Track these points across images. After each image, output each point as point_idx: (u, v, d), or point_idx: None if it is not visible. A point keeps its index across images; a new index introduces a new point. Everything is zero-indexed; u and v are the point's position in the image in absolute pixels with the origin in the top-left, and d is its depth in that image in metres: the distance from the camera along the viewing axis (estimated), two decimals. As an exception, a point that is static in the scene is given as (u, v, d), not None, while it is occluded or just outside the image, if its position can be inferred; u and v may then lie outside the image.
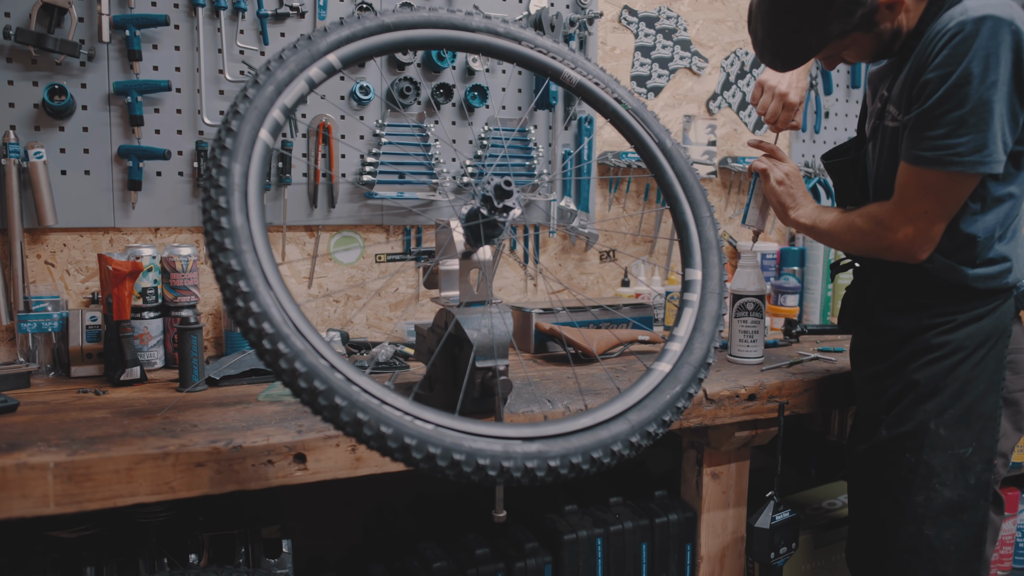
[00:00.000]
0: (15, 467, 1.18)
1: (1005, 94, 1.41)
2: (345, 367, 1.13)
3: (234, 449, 1.30)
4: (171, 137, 2.04)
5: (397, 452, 1.12)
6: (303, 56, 1.34)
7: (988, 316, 1.58)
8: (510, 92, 2.42)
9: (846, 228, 1.65)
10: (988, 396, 1.59)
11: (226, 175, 1.19)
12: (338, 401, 1.10)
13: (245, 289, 1.12)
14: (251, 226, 1.18)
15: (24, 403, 1.57)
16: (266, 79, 1.29)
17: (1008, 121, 1.43)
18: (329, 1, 2.16)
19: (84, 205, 1.98)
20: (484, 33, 1.52)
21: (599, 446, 1.22)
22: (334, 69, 1.37)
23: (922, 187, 1.50)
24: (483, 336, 1.42)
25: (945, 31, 1.42)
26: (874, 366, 1.71)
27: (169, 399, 1.61)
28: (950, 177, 1.46)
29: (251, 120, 1.25)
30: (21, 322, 1.85)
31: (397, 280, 2.34)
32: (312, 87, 1.35)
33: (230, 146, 1.21)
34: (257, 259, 1.16)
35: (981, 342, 1.58)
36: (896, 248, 1.56)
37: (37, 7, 1.87)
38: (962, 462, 1.59)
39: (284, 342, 1.10)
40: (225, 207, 1.17)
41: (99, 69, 1.96)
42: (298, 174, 2.18)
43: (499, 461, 1.15)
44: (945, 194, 1.49)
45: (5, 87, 1.89)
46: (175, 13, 2.02)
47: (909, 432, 1.61)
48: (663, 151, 1.59)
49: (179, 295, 1.94)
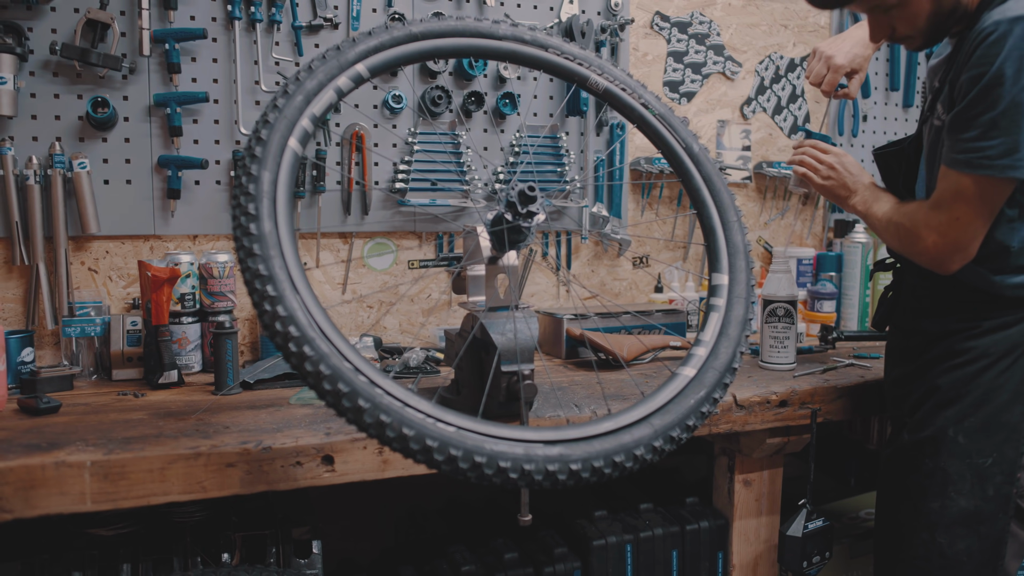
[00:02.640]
0: (54, 465, 1.23)
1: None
2: (369, 370, 1.15)
3: (264, 450, 1.33)
4: (209, 147, 2.09)
5: (419, 454, 1.13)
6: (331, 67, 1.37)
7: (1018, 325, 1.52)
8: (541, 99, 2.43)
9: (887, 224, 1.61)
10: (1013, 406, 1.53)
11: (255, 183, 1.22)
12: (361, 403, 1.12)
13: (272, 293, 1.15)
14: (279, 232, 1.21)
15: (66, 404, 1.62)
16: (295, 89, 1.32)
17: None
18: (362, 12, 2.20)
19: (126, 213, 2.04)
20: (511, 41, 1.54)
21: (621, 450, 1.22)
22: (362, 79, 1.40)
23: (955, 191, 1.46)
24: (508, 340, 1.44)
25: (982, 30, 1.39)
26: (901, 368, 1.68)
27: (204, 401, 1.65)
28: (980, 181, 1.43)
29: (280, 129, 1.28)
30: (65, 327, 1.91)
31: (430, 286, 2.37)
32: (341, 96, 1.38)
33: (260, 154, 1.25)
34: (284, 264, 1.19)
35: (1008, 350, 1.52)
36: (925, 255, 1.53)
37: (82, 23, 1.93)
38: (981, 472, 1.54)
39: (309, 345, 1.13)
40: (254, 213, 1.20)
41: (140, 82, 2.02)
42: (332, 182, 2.22)
43: (520, 464, 1.16)
44: (976, 200, 1.45)
45: (51, 100, 1.96)
46: (213, 27, 2.07)
47: (928, 437, 1.58)
48: (690, 155, 1.59)
49: (216, 300, 1.98)
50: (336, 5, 2.18)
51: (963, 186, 1.45)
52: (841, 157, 1.76)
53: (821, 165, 1.78)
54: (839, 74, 1.89)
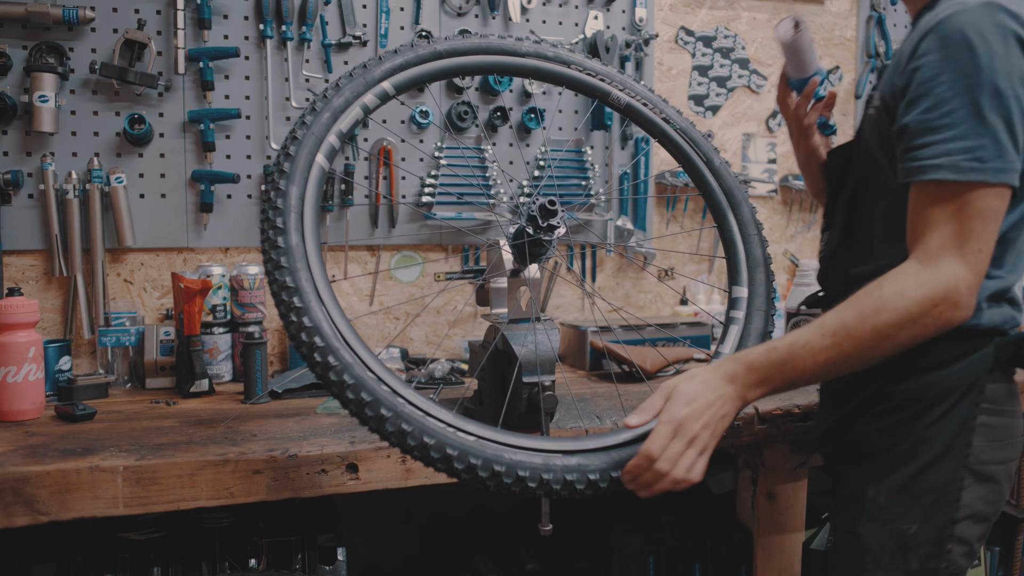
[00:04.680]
0: (88, 470, 1.27)
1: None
2: (392, 380, 1.18)
3: (290, 458, 1.36)
4: (241, 162, 2.15)
5: (440, 462, 1.16)
6: (358, 84, 1.41)
7: (953, 364, 1.23)
8: (566, 113, 2.46)
9: (856, 327, 1.15)
10: (944, 464, 1.22)
11: (283, 197, 1.26)
12: (384, 412, 1.15)
13: (298, 304, 1.18)
14: (306, 245, 1.24)
15: (101, 412, 1.67)
16: (323, 106, 1.36)
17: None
18: (391, 30, 2.25)
19: (160, 226, 2.10)
20: (534, 58, 1.57)
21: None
22: (388, 95, 1.44)
23: (956, 207, 1.18)
24: (529, 352, 1.46)
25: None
26: (832, 416, 1.41)
27: (233, 410, 1.69)
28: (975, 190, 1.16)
29: (308, 145, 1.32)
30: (101, 336, 1.97)
31: (455, 298, 2.40)
32: (367, 113, 1.41)
33: (288, 169, 1.29)
34: (311, 276, 1.22)
35: (942, 395, 1.23)
36: (958, 309, 1.13)
37: (120, 43, 2.00)
38: (903, 541, 1.25)
39: (333, 355, 1.16)
40: (282, 227, 1.24)
41: (175, 99, 2.09)
42: (360, 196, 2.26)
43: (539, 473, 1.18)
44: (980, 212, 1.17)
45: (90, 117, 2.03)
46: (245, 45, 2.13)
47: (845, 497, 1.34)
48: (711, 169, 1.61)
49: (246, 311, 2.03)
50: (365, 23, 2.23)
51: (961, 197, 1.13)
52: (677, 409, 1.17)
53: (671, 453, 1.16)
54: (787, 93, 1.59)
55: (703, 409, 1.17)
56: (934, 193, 1.14)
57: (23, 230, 2.00)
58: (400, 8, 2.27)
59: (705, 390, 1.18)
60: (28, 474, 1.25)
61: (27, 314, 1.63)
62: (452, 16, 2.31)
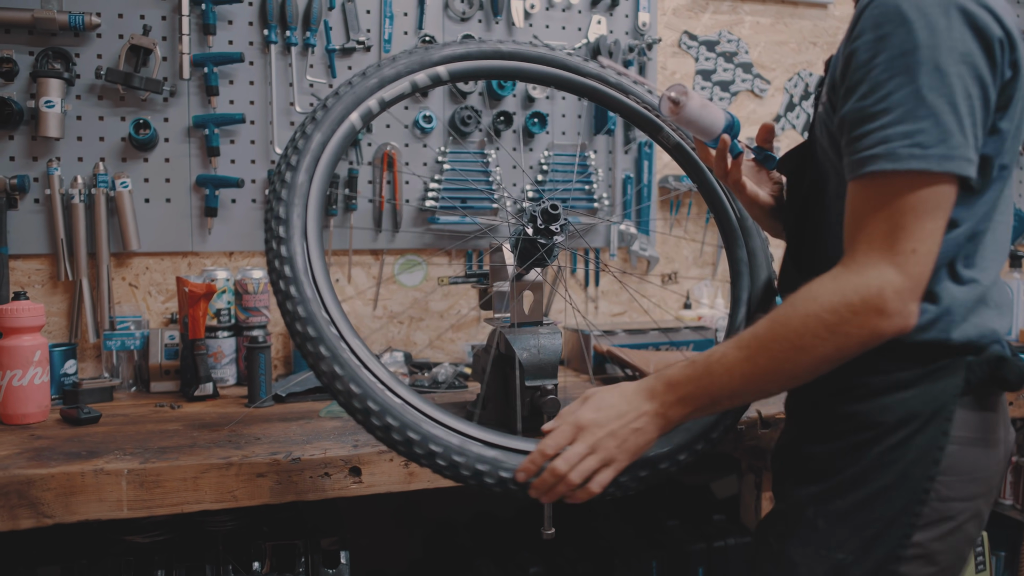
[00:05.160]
0: (93, 472, 1.28)
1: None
2: (398, 386, 1.19)
3: (293, 461, 1.37)
4: (245, 166, 2.16)
5: (424, 458, 1.16)
6: (415, 60, 1.43)
7: (915, 386, 1.08)
8: (570, 118, 2.46)
9: (778, 336, 1.03)
10: (896, 497, 1.07)
11: (286, 206, 1.27)
12: (390, 421, 1.15)
13: (302, 315, 1.20)
14: (310, 253, 1.26)
15: (106, 415, 1.68)
16: (323, 115, 1.37)
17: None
18: (394, 35, 2.26)
19: (165, 231, 2.11)
20: (594, 79, 1.57)
21: (644, 464, 1.24)
22: (441, 80, 1.46)
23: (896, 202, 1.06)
24: (532, 356, 1.46)
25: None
26: (785, 436, 1.31)
27: (237, 414, 1.70)
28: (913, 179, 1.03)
29: (347, 102, 1.34)
30: (106, 340, 1.98)
31: (459, 302, 2.40)
32: (415, 90, 1.44)
33: (289, 180, 1.30)
34: (314, 283, 1.23)
35: (902, 420, 1.08)
36: (888, 318, 0.98)
37: (125, 48, 2.01)
38: (837, 570, 1.11)
39: (339, 364, 1.17)
40: (284, 237, 1.25)
41: (180, 104, 2.10)
42: (364, 200, 2.27)
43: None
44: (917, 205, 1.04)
45: (96, 122, 2.04)
46: (250, 50, 2.14)
47: (780, 512, 1.22)
48: (742, 227, 1.56)
49: (251, 315, 2.04)
50: (368, 29, 2.24)
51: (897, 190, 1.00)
52: (586, 419, 1.12)
53: (570, 454, 1.11)
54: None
55: (612, 418, 1.10)
56: (869, 187, 1.00)
57: (29, 234, 2.01)
58: (404, 13, 2.28)
59: (620, 401, 1.11)
60: (33, 477, 1.26)
61: (33, 318, 1.64)
62: (455, 21, 2.32)
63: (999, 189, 1.08)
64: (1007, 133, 1.04)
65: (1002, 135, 1.03)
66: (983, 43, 0.98)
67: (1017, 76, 1.02)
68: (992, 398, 1.11)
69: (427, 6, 2.28)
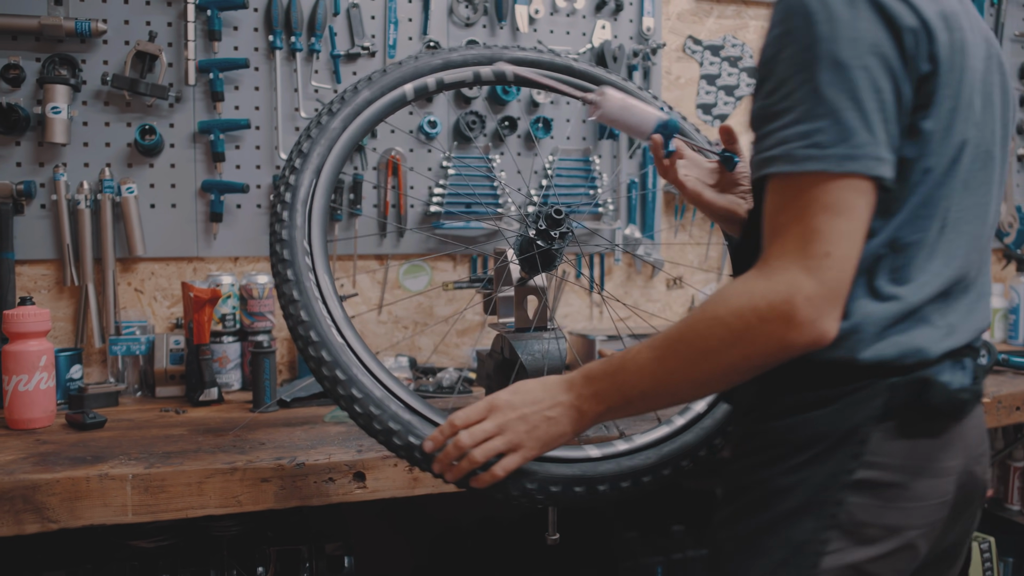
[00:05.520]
0: (98, 477, 1.28)
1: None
2: (402, 392, 1.19)
3: (297, 466, 1.37)
4: (250, 172, 2.16)
5: (401, 450, 1.16)
6: (482, 54, 1.54)
7: (827, 406, 0.99)
8: (574, 123, 2.46)
9: (685, 333, 0.98)
10: (802, 521, 0.99)
11: (290, 212, 1.28)
12: (392, 426, 1.16)
13: (306, 318, 1.20)
14: (314, 257, 1.26)
15: (111, 420, 1.68)
16: (326, 124, 1.37)
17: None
18: (399, 40, 2.27)
19: (170, 236, 2.11)
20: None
21: (647, 471, 1.24)
22: (505, 78, 1.56)
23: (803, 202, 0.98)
24: (536, 361, 1.46)
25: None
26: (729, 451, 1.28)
27: (242, 419, 1.70)
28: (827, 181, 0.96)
29: (317, 154, 1.34)
30: (112, 345, 1.98)
31: (464, 307, 2.40)
32: (477, 81, 1.55)
33: (294, 182, 1.30)
34: (318, 287, 1.24)
35: (806, 442, 1.00)
36: (798, 328, 0.91)
37: (131, 55, 2.02)
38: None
39: (343, 371, 1.17)
40: (287, 256, 1.26)
41: (185, 110, 2.10)
42: (369, 205, 2.27)
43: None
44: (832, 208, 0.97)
45: (102, 128, 2.05)
46: (255, 56, 2.15)
47: (707, 541, 1.15)
48: None
49: (256, 320, 2.04)
50: (373, 34, 2.25)
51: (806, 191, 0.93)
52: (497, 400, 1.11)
53: (477, 430, 1.09)
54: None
55: (526, 403, 1.08)
56: (777, 191, 0.94)
57: (35, 240, 2.02)
58: (408, 19, 2.28)
59: (539, 388, 1.09)
60: (38, 482, 1.26)
61: (38, 323, 1.65)
62: (460, 27, 2.32)
63: (924, 195, 0.97)
64: (931, 134, 0.95)
65: (924, 136, 0.94)
66: (892, 33, 0.91)
67: (937, 71, 0.93)
68: (930, 424, 0.99)
69: (432, 11, 2.28)
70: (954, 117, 0.96)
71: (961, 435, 1.03)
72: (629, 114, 1.29)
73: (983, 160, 1.03)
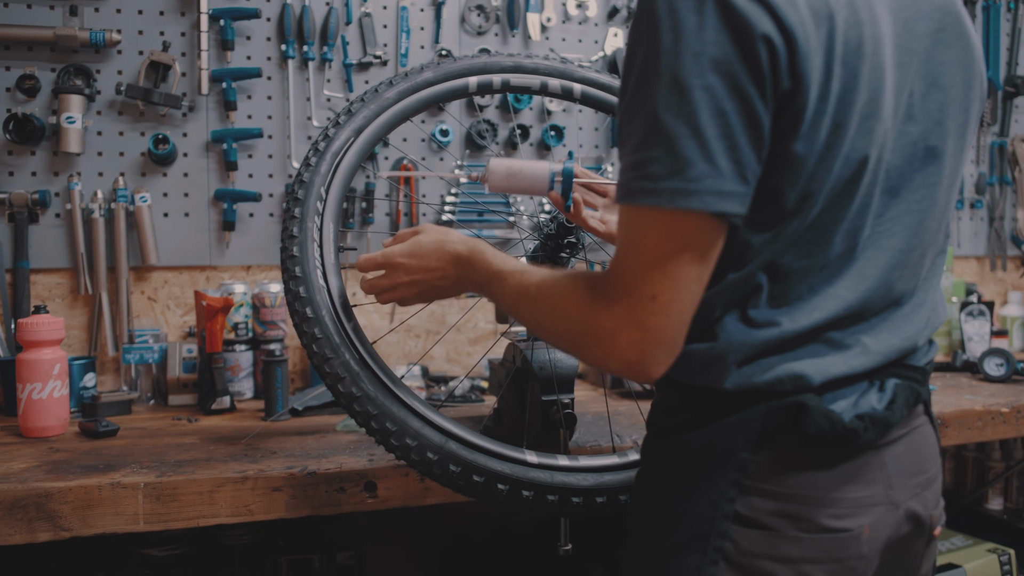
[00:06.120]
0: (110, 486, 1.28)
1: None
2: (414, 401, 1.19)
3: (308, 475, 1.36)
4: (263, 181, 2.17)
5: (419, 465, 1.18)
6: (555, 68, 1.57)
7: (698, 430, 0.93)
8: (587, 130, 2.46)
9: (550, 308, 0.95)
10: (687, 554, 0.91)
11: (299, 243, 1.29)
12: (408, 441, 1.16)
13: (320, 336, 1.20)
14: (328, 278, 1.27)
15: (124, 428, 1.68)
16: (335, 133, 1.38)
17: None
18: (411, 49, 2.27)
19: (183, 245, 2.12)
20: None
21: (580, 492, 1.24)
22: (572, 95, 1.60)
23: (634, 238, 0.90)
24: (548, 370, 1.45)
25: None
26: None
27: (254, 427, 1.70)
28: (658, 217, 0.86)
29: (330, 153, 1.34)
30: (125, 354, 1.99)
31: (476, 315, 2.40)
32: (544, 91, 1.59)
33: (299, 214, 1.31)
34: (329, 295, 1.24)
35: (684, 467, 0.94)
36: (612, 356, 0.86)
37: (145, 64, 2.04)
38: None
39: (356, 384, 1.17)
40: (299, 263, 1.26)
41: (198, 119, 2.12)
42: (381, 214, 2.27)
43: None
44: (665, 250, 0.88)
45: (116, 138, 2.06)
46: (267, 65, 2.16)
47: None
48: None
49: (268, 329, 2.04)
50: (385, 43, 2.25)
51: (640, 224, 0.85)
52: (418, 237, 1.21)
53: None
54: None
55: (420, 270, 1.18)
56: (621, 219, 0.86)
57: (50, 249, 2.03)
58: (420, 28, 2.29)
59: (432, 256, 1.18)
60: (51, 490, 1.26)
61: (52, 331, 1.66)
62: (472, 35, 2.33)
63: (810, 220, 0.86)
64: (804, 158, 0.82)
65: (795, 161, 0.82)
66: (743, 45, 0.77)
67: (801, 88, 0.79)
68: (817, 451, 0.89)
69: (444, 20, 2.29)
70: (840, 134, 0.83)
71: (880, 465, 0.91)
72: (518, 180, 1.28)
73: (921, 160, 0.92)
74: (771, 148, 0.81)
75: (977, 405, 1.81)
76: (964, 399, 1.88)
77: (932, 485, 0.99)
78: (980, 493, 2.47)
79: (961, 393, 1.96)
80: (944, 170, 0.94)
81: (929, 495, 0.98)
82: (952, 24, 0.94)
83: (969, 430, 1.79)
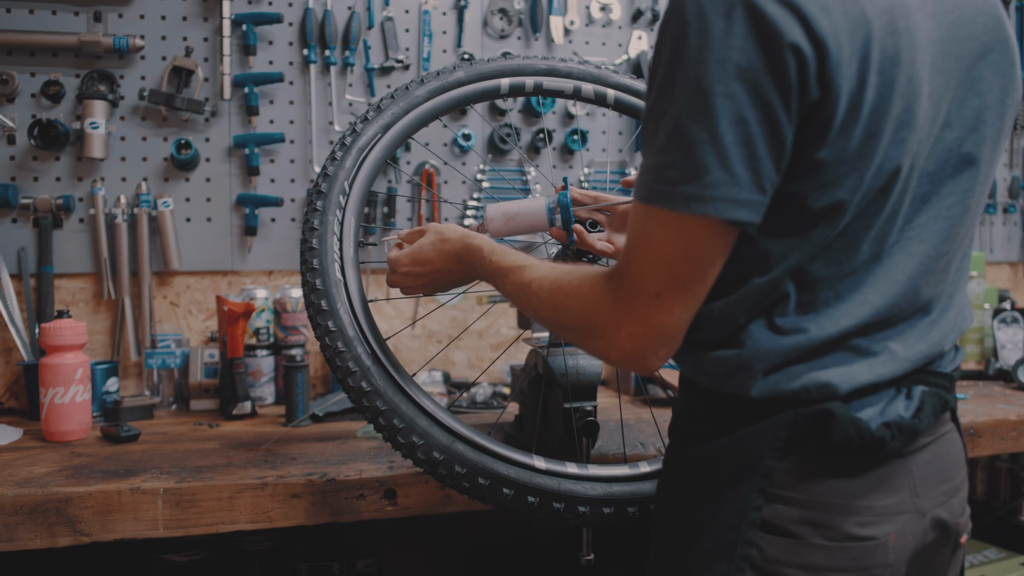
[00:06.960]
0: (130, 491, 1.27)
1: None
2: (429, 404, 1.17)
3: (328, 482, 1.35)
4: (284, 185, 2.17)
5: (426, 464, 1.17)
6: (588, 71, 1.54)
7: (723, 437, 0.93)
8: (610, 134, 2.44)
9: (550, 302, 0.98)
10: (715, 562, 0.91)
11: (319, 236, 1.27)
12: (415, 440, 1.14)
13: (335, 337, 1.19)
14: (346, 277, 1.26)
15: (145, 433, 1.68)
16: (350, 144, 1.37)
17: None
18: (433, 53, 2.26)
19: (205, 250, 2.12)
20: None
21: (587, 501, 1.21)
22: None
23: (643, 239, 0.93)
24: (571, 377, 1.43)
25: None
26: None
27: (274, 433, 1.69)
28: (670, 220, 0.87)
29: (350, 160, 1.33)
30: (148, 358, 1.99)
31: (498, 321, 2.38)
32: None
33: (321, 207, 1.30)
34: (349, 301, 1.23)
35: (709, 474, 0.94)
36: (610, 347, 0.89)
37: (168, 70, 2.04)
38: None
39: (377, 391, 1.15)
40: (318, 268, 1.25)
41: (221, 124, 2.12)
42: (403, 219, 2.26)
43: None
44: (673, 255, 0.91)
45: (139, 143, 2.07)
46: (289, 70, 2.16)
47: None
48: None
49: (289, 334, 2.04)
50: (407, 47, 2.25)
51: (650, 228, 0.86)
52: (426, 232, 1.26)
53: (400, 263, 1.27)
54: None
55: (427, 273, 1.23)
56: (633, 216, 0.87)
57: (74, 254, 2.04)
58: (443, 31, 2.28)
59: (438, 259, 1.21)
60: (71, 495, 1.26)
61: (75, 336, 1.66)
62: (494, 39, 2.31)
63: (839, 228, 0.86)
64: (830, 166, 0.81)
65: (821, 168, 0.81)
66: (768, 53, 0.76)
67: (830, 97, 0.78)
68: (842, 459, 0.89)
69: (466, 24, 2.28)
70: (873, 144, 0.82)
71: (906, 472, 0.91)
72: (517, 223, 1.31)
73: (954, 167, 0.91)
74: (796, 155, 0.81)
75: (1011, 415, 1.77)
76: (998, 408, 1.83)
77: (959, 492, 0.98)
78: (1014, 505, 2.40)
79: (994, 402, 1.91)
80: (979, 176, 0.93)
81: (955, 502, 0.97)
82: (994, 28, 0.93)
83: (1003, 440, 1.74)
